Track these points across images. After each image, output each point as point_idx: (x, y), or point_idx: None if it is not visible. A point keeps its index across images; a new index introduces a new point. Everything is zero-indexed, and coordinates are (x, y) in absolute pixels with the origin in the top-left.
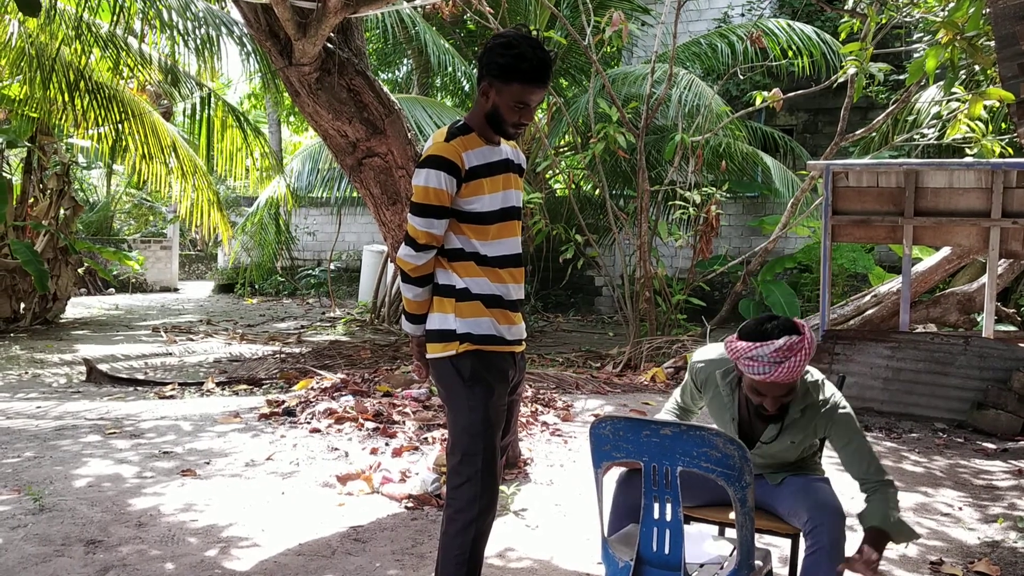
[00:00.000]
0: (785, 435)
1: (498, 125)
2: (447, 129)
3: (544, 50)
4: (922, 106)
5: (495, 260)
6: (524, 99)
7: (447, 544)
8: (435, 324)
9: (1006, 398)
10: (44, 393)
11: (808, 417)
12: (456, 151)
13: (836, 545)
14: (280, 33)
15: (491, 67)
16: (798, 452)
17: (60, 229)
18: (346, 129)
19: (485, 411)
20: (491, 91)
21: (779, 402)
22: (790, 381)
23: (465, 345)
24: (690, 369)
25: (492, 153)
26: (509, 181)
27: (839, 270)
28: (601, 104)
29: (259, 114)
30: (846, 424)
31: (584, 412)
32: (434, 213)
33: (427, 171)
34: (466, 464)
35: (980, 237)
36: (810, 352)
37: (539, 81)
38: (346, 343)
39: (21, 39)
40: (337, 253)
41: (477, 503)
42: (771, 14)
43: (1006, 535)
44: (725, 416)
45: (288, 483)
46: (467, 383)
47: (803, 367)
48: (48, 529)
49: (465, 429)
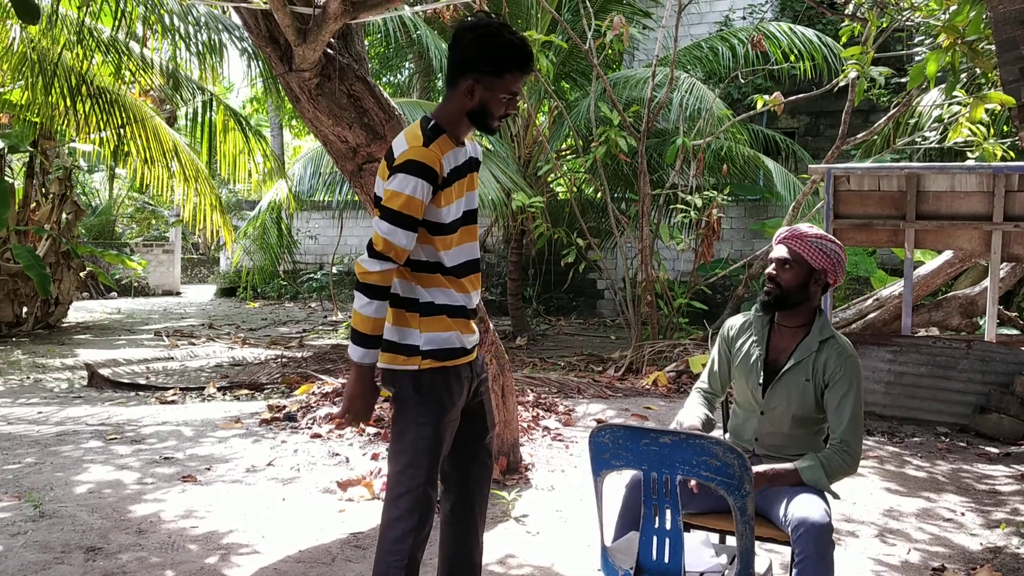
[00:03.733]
0: (800, 370)
1: (483, 121)
2: (420, 130)
3: (522, 35)
4: (923, 110)
5: (457, 269)
6: (514, 89)
7: (386, 549)
8: (396, 337)
9: (1009, 402)
10: (45, 398)
11: (823, 353)
12: (437, 158)
13: (822, 554)
14: (280, 39)
15: (479, 61)
16: (801, 408)
17: (62, 233)
18: (346, 135)
19: (436, 427)
20: (478, 87)
21: (777, 272)
22: (790, 247)
23: (428, 361)
24: (723, 328)
25: (461, 155)
26: (472, 181)
27: None
28: (602, 108)
29: (261, 118)
30: (852, 370)
31: (586, 416)
32: (403, 223)
33: (406, 177)
34: (409, 476)
35: (982, 241)
36: (828, 254)
37: (529, 68)
38: (347, 347)
39: (23, 44)
40: (339, 257)
41: (416, 513)
42: (772, 17)
43: (1009, 541)
44: (753, 355)
45: (289, 489)
46: (423, 398)
47: (811, 250)
48: (48, 536)
49: (412, 442)
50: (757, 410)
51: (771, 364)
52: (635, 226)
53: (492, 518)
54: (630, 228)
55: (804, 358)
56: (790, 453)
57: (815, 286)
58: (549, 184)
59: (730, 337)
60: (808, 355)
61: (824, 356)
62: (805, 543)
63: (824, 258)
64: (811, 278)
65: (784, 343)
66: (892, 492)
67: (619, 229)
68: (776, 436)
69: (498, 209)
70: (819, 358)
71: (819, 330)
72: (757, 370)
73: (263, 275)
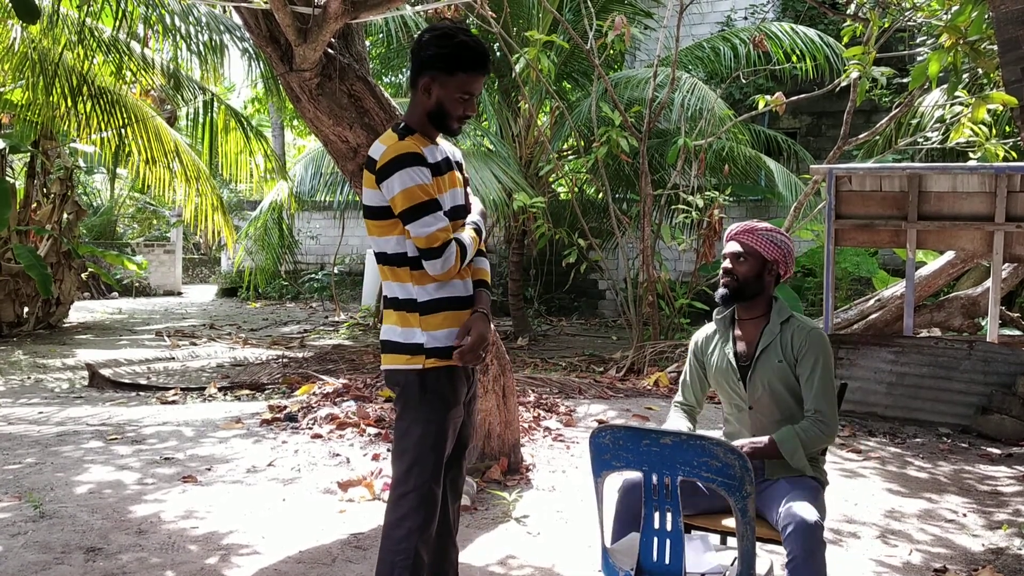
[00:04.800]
0: (770, 354)
1: (442, 121)
2: (392, 132)
3: (479, 38)
4: (925, 110)
5: None
6: (469, 89)
7: (392, 548)
8: (398, 337)
9: (1011, 403)
10: (46, 398)
11: (786, 333)
12: (417, 146)
13: (812, 553)
14: (281, 39)
15: (432, 60)
16: (786, 391)
17: (63, 233)
18: (347, 135)
19: (442, 425)
20: (433, 86)
21: (732, 266)
22: (743, 242)
23: (432, 360)
24: (691, 343)
25: (436, 152)
26: (454, 179)
27: (843, 274)
28: (604, 108)
29: (263, 118)
30: (817, 342)
31: (587, 417)
32: (426, 209)
33: (400, 173)
34: (414, 475)
35: (984, 241)
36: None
37: (482, 68)
38: (349, 347)
39: (24, 44)
40: (340, 257)
41: (422, 511)
42: (774, 17)
43: (1011, 542)
44: (724, 354)
45: (289, 489)
46: (428, 396)
47: (763, 243)
48: (48, 536)
49: (418, 440)
50: (745, 406)
51: (742, 357)
52: (636, 226)
53: (493, 519)
54: (631, 228)
55: (771, 341)
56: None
57: (769, 276)
58: (550, 184)
59: (700, 349)
60: (773, 338)
61: (788, 334)
62: (794, 543)
63: (776, 249)
64: (765, 269)
65: (749, 334)
66: (894, 493)
67: (620, 229)
68: (771, 428)
69: (499, 209)
70: (784, 337)
71: (777, 314)
72: (732, 367)
73: (264, 275)
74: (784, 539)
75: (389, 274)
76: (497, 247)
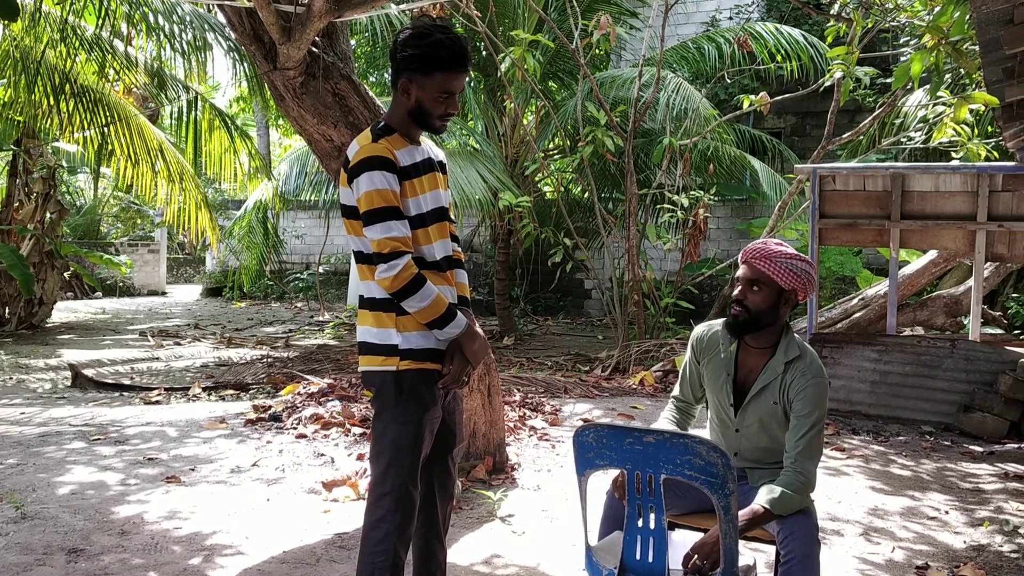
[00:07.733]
0: (767, 393)
1: (423, 120)
2: (369, 131)
3: (458, 35)
4: (909, 110)
5: (439, 263)
6: (448, 88)
7: (371, 550)
8: (373, 338)
9: (992, 401)
10: (28, 399)
11: (788, 374)
12: (388, 150)
13: (808, 555)
14: (264, 37)
15: (409, 60)
16: (776, 426)
17: (46, 233)
18: (331, 134)
19: (417, 427)
20: (412, 86)
21: (744, 294)
22: (759, 269)
23: (407, 362)
24: (692, 338)
25: (417, 153)
26: (436, 180)
27: (827, 273)
28: (589, 107)
29: (248, 117)
30: (816, 394)
31: (572, 416)
32: (387, 214)
33: (366, 175)
34: (391, 476)
35: (966, 240)
36: (799, 274)
37: (460, 67)
38: (334, 347)
39: (6, 42)
40: (325, 256)
41: (399, 513)
42: (759, 18)
43: (992, 539)
44: (721, 375)
45: (273, 489)
46: (403, 397)
47: (781, 271)
48: (30, 538)
49: (394, 441)
50: (732, 427)
51: (740, 384)
52: (622, 226)
53: (478, 518)
54: (617, 228)
55: (770, 381)
56: (770, 462)
57: (785, 307)
58: (536, 184)
59: (699, 348)
60: (774, 378)
61: (789, 378)
62: (792, 544)
63: (795, 278)
64: (780, 299)
65: (752, 362)
66: (877, 491)
67: (606, 229)
68: (755, 451)
69: (485, 209)
70: (784, 380)
71: (784, 351)
72: (728, 391)
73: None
74: (781, 540)
75: (368, 273)
76: (483, 246)
